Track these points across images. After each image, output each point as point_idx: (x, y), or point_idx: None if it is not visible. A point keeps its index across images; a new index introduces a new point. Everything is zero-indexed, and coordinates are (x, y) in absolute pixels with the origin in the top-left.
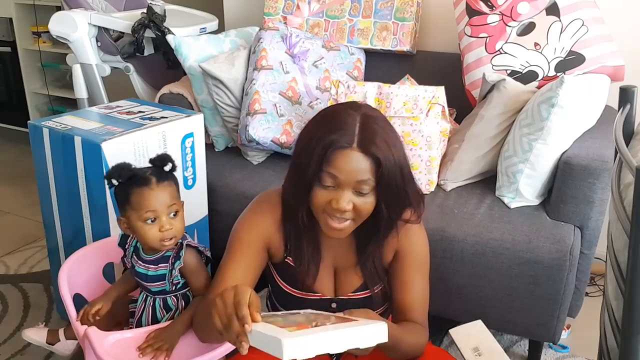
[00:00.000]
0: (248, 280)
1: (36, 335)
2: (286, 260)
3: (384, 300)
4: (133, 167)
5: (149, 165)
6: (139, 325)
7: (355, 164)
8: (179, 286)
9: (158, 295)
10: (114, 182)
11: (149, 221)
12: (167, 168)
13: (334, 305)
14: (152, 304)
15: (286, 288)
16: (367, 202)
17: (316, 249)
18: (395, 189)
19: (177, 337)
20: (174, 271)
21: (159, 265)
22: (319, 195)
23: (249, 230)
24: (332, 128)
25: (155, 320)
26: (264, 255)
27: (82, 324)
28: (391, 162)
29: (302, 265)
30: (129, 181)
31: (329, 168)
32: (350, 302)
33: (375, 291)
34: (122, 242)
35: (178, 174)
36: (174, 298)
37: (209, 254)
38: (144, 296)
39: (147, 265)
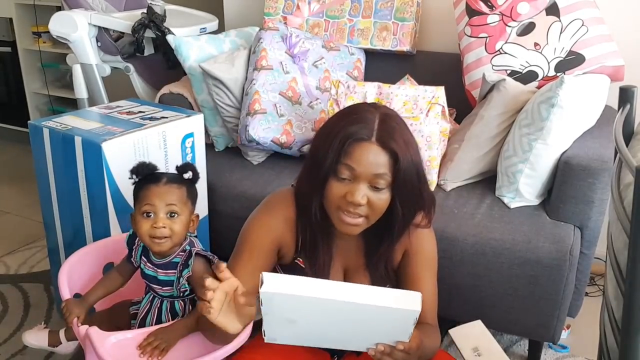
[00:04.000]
0: (254, 283)
1: (37, 340)
2: (296, 261)
3: None
4: (158, 169)
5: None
6: (142, 325)
7: (373, 157)
8: (186, 293)
9: (166, 298)
10: (134, 178)
11: (145, 215)
12: (186, 176)
13: None
14: (158, 305)
15: None
16: (382, 199)
17: (328, 250)
18: (410, 187)
19: (176, 338)
20: (181, 279)
21: (168, 271)
22: (334, 188)
23: (259, 231)
24: (352, 122)
25: (159, 323)
26: (273, 257)
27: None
28: (408, 160)
29: (315, 266)
30: (144, 179)
31: (347, 159)
32: None
33: None
34: (130, 240)
35: None
36: (181, 302)
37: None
38: (151, 297)
39: (155, 268)
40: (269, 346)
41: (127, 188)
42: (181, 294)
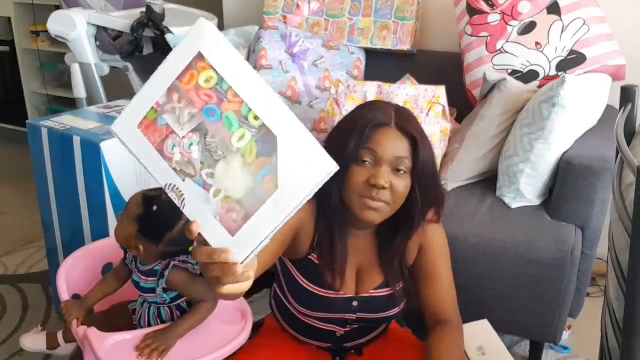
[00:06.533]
0: (265, 261)
1: (35, 343)
2: (310, 257)
3: (404, 298)
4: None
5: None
6: (138, 325)
7: (393, 140)
8: (167, 301)
9: (152, 304)
10: None
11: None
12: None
13: (355, 303)
14: (147, 310)
15: (309, 287)
16: (403, 185)
17: (345, 248)
18: (429, 175)
19: (174, 339)
20: (157, 288)
21: (149, 278)
22: (357, 173)
23: None
24: (369, 110)
25: (149, 327)
26: (289, 240)
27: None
28: (426, 147)
29: (333, 264)
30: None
31: (368, 144)
32: (372, 299)
33: (397, 289)
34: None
35: None
36: (167, 309)
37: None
38: (142, 300)
39: (140, 275)
40: (269, 347)
41: (125, 188)
42: (164, 301)
